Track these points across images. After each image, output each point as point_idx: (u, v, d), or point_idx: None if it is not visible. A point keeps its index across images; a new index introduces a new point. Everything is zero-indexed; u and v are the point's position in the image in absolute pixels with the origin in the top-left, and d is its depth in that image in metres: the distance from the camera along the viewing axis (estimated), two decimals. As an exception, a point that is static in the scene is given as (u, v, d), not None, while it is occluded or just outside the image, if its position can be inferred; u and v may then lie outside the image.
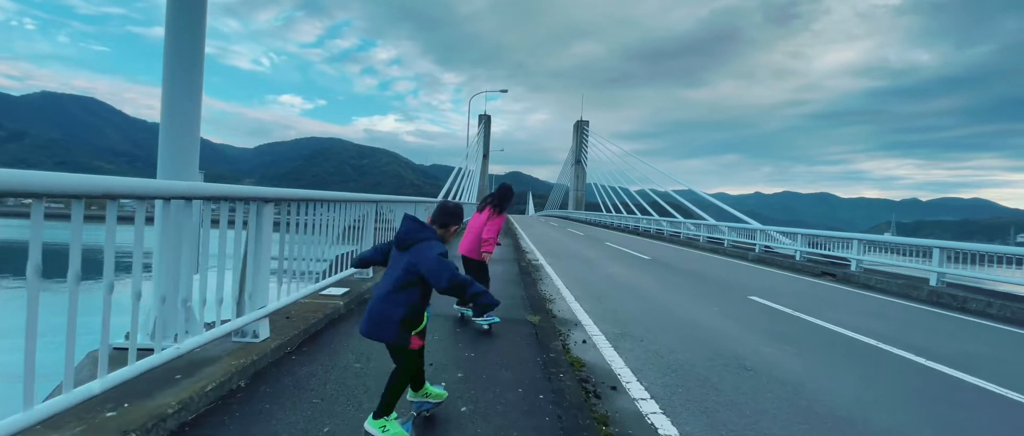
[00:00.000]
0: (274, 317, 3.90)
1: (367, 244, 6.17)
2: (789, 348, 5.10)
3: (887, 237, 11.49)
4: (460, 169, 32.02)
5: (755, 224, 18.32)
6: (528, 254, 13.38)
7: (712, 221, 21.72)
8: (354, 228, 5.96)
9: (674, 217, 27.03)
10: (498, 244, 5.28)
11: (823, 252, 13.73)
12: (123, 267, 2.30)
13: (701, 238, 20.86)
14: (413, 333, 2.38)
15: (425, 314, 2.45)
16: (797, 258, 14.06)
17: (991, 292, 9.01)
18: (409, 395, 2.70)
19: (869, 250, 11.88)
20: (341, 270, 5.47)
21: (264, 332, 3.46)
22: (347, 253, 5.84)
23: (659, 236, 25.11)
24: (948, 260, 9.86)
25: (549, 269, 10.38)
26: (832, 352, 5.08)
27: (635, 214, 34.09)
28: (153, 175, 3.11)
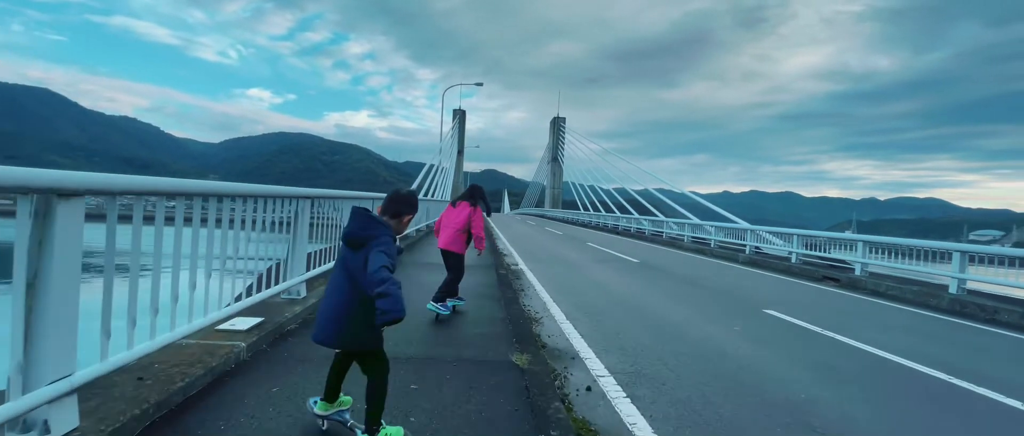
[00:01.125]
0: (118, 380, 2.46)
1: (302, 253, 4.71)
2: (853, 390, 3.90)
3: (896, 239, 10.58)
4: (432, 165, 30.30)
5: (743, 224, 17.43)
6: (506, 257, 12.03)
7: (696, 220, 20.80)
8: (284, 228, 4.52)
9: (655, 216, 26.10)
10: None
11: (820, 254, 12.83)
12: None
13: (685, 238, 19.89)
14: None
15: None
16: (793, 261, 13.12)
17: (1021, 302, 8.12)
18: (318, 409, 2.43)
19: (875, 253, 10.96)
20: (265, 288, 4.03)
21: (66, 421, 2.01)
22: (272, 267, 4.40)
23: (640, 236, 24.12)
24: (969, 263, 8.97)
25: (531, 276, 9.06)
26: (910, 397, 3.89)
27: (614, 213, 33.13)
28: (110, 171, 2.48)
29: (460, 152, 64.23)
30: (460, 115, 63.39)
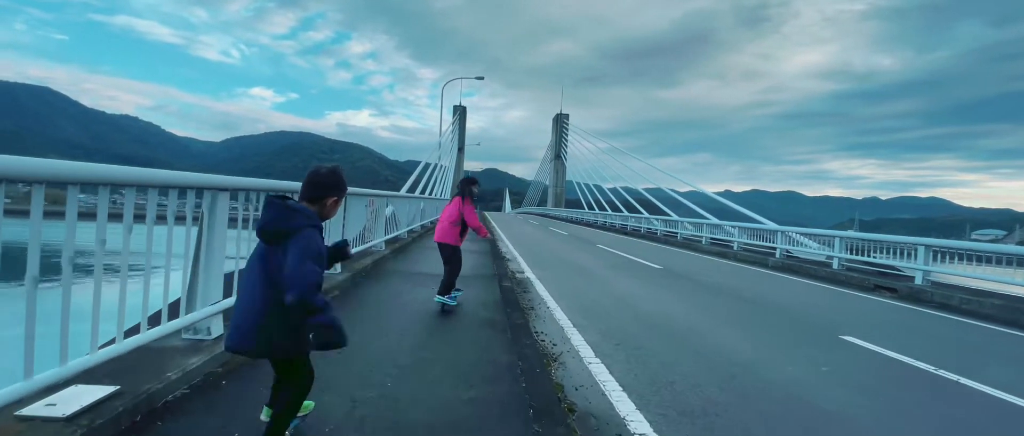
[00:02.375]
0: None
1: (216, 270, 3.21)
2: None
3: (969, 243, 9.07)
4: (428, 164, 28.61)
5: (770, 224, 15.90)
6: (510, 262, 10.52)
7: (715, 220, 19.27)
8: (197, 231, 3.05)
9: (668, 215, 24.57)
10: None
11: (866, 259, 11.30)
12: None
13: (703, 239, 18.38)
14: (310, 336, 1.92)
15: None
16: (835, 267, 11.59)
17: None
18: (264, 415, 2.19)
19: (940, 259, 9.44)
20: (135, 331, 2.56)
21: None
22: (180, 295, 2.95)
23: (652, 237, 22.59)
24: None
25: (541, 288, 7.55)
26: None
27: (622, 212, 31.61)
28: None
29: (461, 150, 62.68)
30: (460, 112, 61.82)
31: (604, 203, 38.85)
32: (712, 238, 18.18)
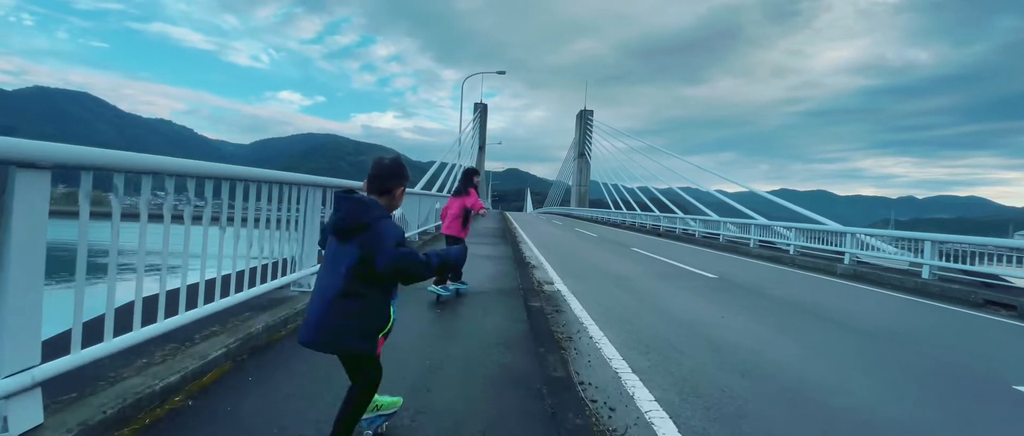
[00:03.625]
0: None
1: (26, 298, 1.81)
2: None
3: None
4: (444, 163, 27.15)
5: (834, 225, 13.99)
6: (536, 270, 9.01)
7: (763, 220, 17.37)
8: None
9: (706, 215, 22.66)
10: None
11: (966, 268, 9.38)
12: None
13: (751, 242, 16.52)
14: (380, 335, 1.96)
15: (392, 309, 1.99)
16: (925, 276, 9.71)
17: None
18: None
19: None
20: None
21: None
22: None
23: (689, 238, 20.74)
24: None
25: (577, 306, 6.01)
26: None
27: (653, 211, 29.71)
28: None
29: (481, 148, 61.37)
30: (481, 109, 60.44)
31: (633, 202, 36.94)
32: (761, 240, 16.31)
